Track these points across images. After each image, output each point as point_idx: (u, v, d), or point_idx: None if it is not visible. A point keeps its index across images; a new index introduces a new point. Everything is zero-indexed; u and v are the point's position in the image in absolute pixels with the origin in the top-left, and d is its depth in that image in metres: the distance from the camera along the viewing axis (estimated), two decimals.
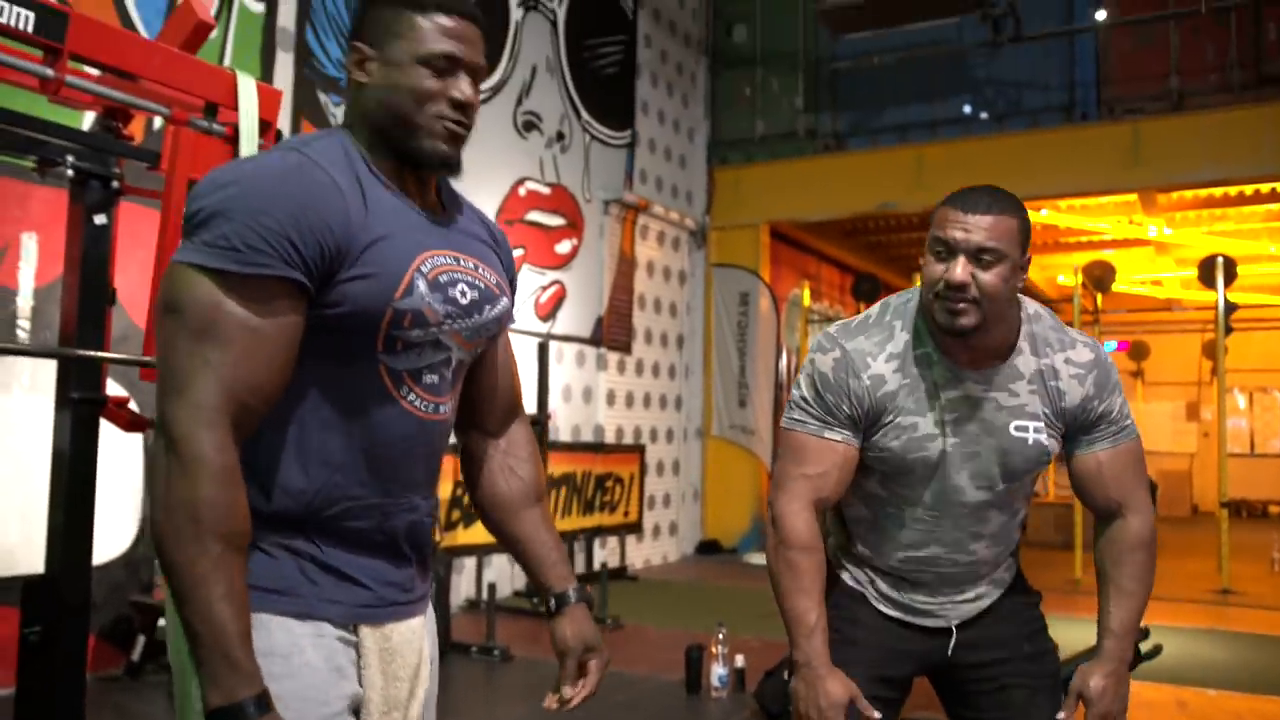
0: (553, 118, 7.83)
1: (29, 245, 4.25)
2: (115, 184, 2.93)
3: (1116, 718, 1.80)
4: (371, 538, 1.30)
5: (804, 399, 1.83)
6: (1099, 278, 10.75)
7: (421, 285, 1.27)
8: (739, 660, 4.55)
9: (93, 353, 2.75)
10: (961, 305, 1.66)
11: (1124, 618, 1.82)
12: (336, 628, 1.27)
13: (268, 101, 2.72)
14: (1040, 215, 11.28)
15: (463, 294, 1.33)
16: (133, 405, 3.06)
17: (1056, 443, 1.84)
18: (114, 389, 3.05)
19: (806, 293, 10.16)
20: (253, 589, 1.17)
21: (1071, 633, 2.11)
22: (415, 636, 1.37)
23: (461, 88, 1.30)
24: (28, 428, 4.19)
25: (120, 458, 4.45)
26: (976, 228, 1.65)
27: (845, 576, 1.98)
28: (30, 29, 2.15)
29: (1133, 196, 9.95)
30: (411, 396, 1.31)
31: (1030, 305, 1.85)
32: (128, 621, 4.48)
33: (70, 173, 2.82)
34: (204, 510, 1.10)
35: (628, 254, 8.68)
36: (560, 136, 7.91)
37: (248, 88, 2.64)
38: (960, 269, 1.65)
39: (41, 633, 2.90)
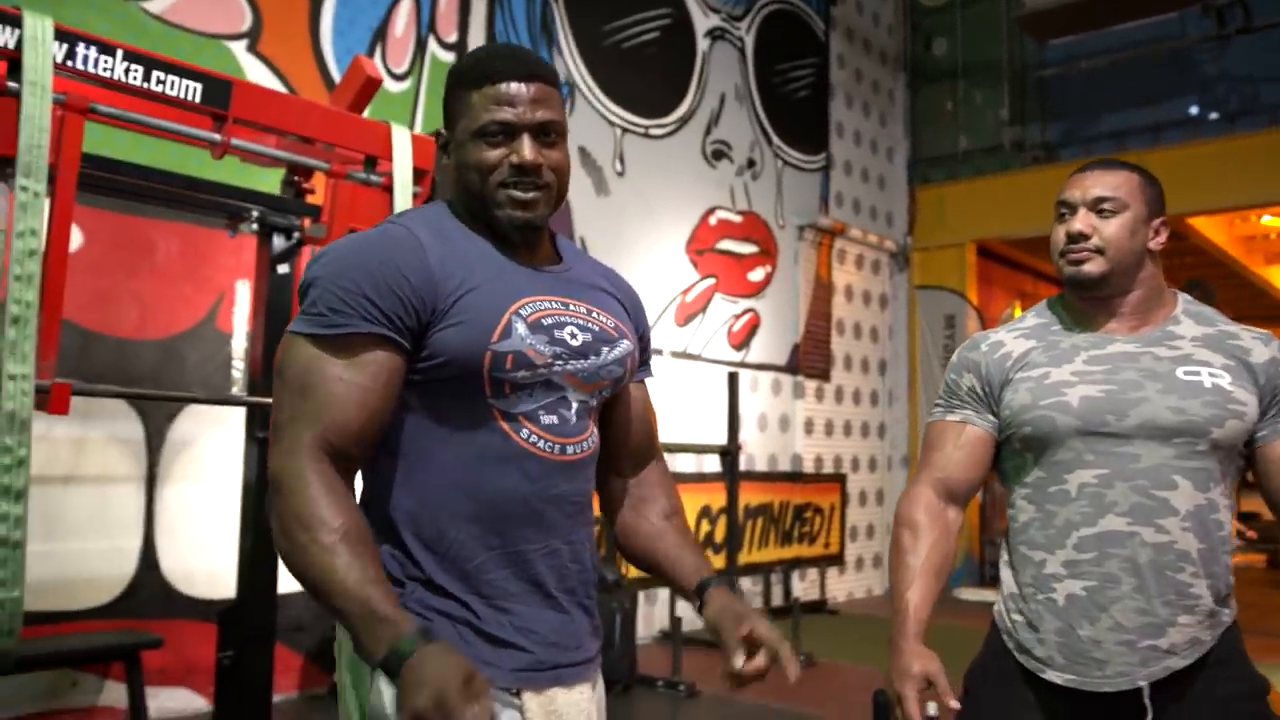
0: (743, 145, 7.80)
1: (242, 292, 4.61)
2: (296, 235, 3.13)
3: None
4: (517, 587, 1.31)
5: (939, 395, 1.85)
6: None
7: (520, 327, 1.30)
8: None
9: (268, 400, 2.94)
10: (1083, 253, 1.67)
11: None
12: (498, 689, 1.26)
13: (422, 150, 2.84)
14: None
15: (572, 336, 1.35)
16: None
17: (1249, 395, 1.62)
18: None
19: (1018, 311, 9.64)
20: None
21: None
22: (584, 701, 1.36)
23: (521, 151, 1.32)
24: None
25: None
26: (1094, 182, 1.70)
27: (1010, 645, 1.73)
28: (199, 99, 2.33)
29: None
30: (532, 438, 1.33)
31: (1190, 299, 1.78)
32: (332, 643, 4.73)
33: (255, 227, 3.03)
34: (306, 512, 1.19)
35: (824, 279, 8.51)
36: (751, 164, 7.87)
37: (402, 139, 2.77)
38: (1079, 220, 1.68)
39: (233, 656, 3.10)
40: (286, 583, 4.16)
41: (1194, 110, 8.54)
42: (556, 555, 1.35)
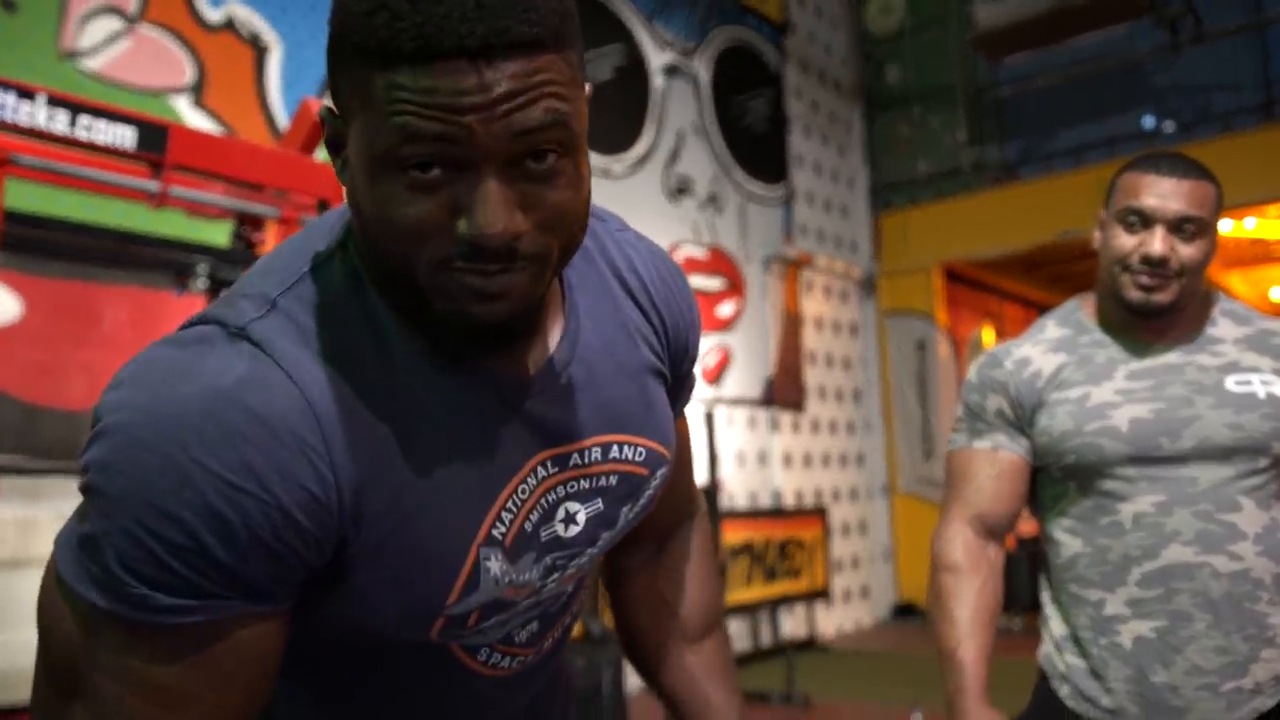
0: (704, 180, 7.72)
1: None
2: None
3: None
4: None
5: (957, 419, 1.67)
6: None
7: (494, 564, 0.79)
8: None
9: None
10: (1159, 280, 1.48)
11: None
12: None
13: None
14: (1245, 228, 10.37)
15: (573, 520, 0.86)
16: None
17: None
18: None
19: (987, 333, 9.61)
20: None
21: None
22: None
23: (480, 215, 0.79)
24: None
25: None
26: (1176, 194, 1.47)
27: (1066, 694, 1.56)
28: (133, 146, 2.18)
29: None
30: (494, 658, 0.90)
31: (1223, 295, 1.63)
32: None
33: (204, 283, 2.86)
34: None
35: (793, 310, 8.42)
36: (713, 198, 7.79)
37: None
38: (1159, 241, 1.47)
39: None
40: None
41: (1149, 122, 8.60)
42: None
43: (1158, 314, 1.52)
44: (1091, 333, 1.61)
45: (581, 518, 0.85)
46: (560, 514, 0.84)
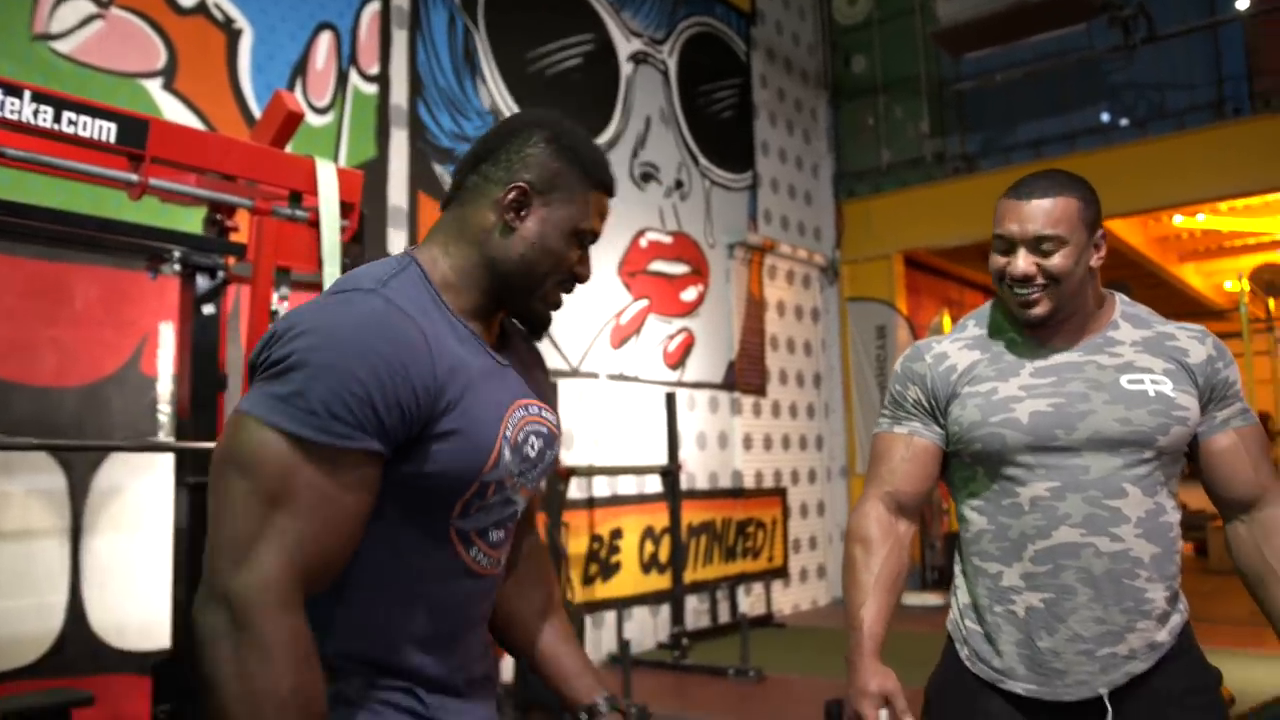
0: (670, 167, 7.85)
1: (166, 334, 4.50)
2: (221, 275, 3.07)
3: None
4: (457, 682, 1.25)
5: (884, 405, 1.85)
6: (1270, 281, 10.05)
7: (507, 453, 1.21)
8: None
9: (197, 444, 2.86)
10: (1033, 295, 1.65)
11: None
12: None
13: (348, 184, 2.81)
14: (1198, 221, 10.64)
15: (533, 447, 1.27)
16: None
17: (1191, 400, 1.65)
18: None
19: (946, 320, 9.81)
20: None
21: (1258, 672, 1.82)
22: None
23: (589, 267, 1.33)
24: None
25: None
26: (1031, 217, 1.64)
27: (965, 655, 1.74)
28: (114, 140, 2.28)
29: None
30: (478, 555, 1.25)
31: (1126, 299, 1.79)
32: None
33: (177, 267, 2.96)
34: (291, 701, 1.01)
35: (756, 295, 8.59)
36: (679, 184, 7.92)
37: (327, 173, 2.73)
38: (1022, 261, 1.64)
39: (170, 711, 3.01)
40: None
41: (1105, 117, 8.80)
42: (484, 652, 1.32)
43: (1040, 324, 1.68)
44: (1006, 333, 1.76)
45: (537, 446, 1.28)
46: (529, 440, 1.26)
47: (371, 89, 5.63)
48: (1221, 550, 9.31)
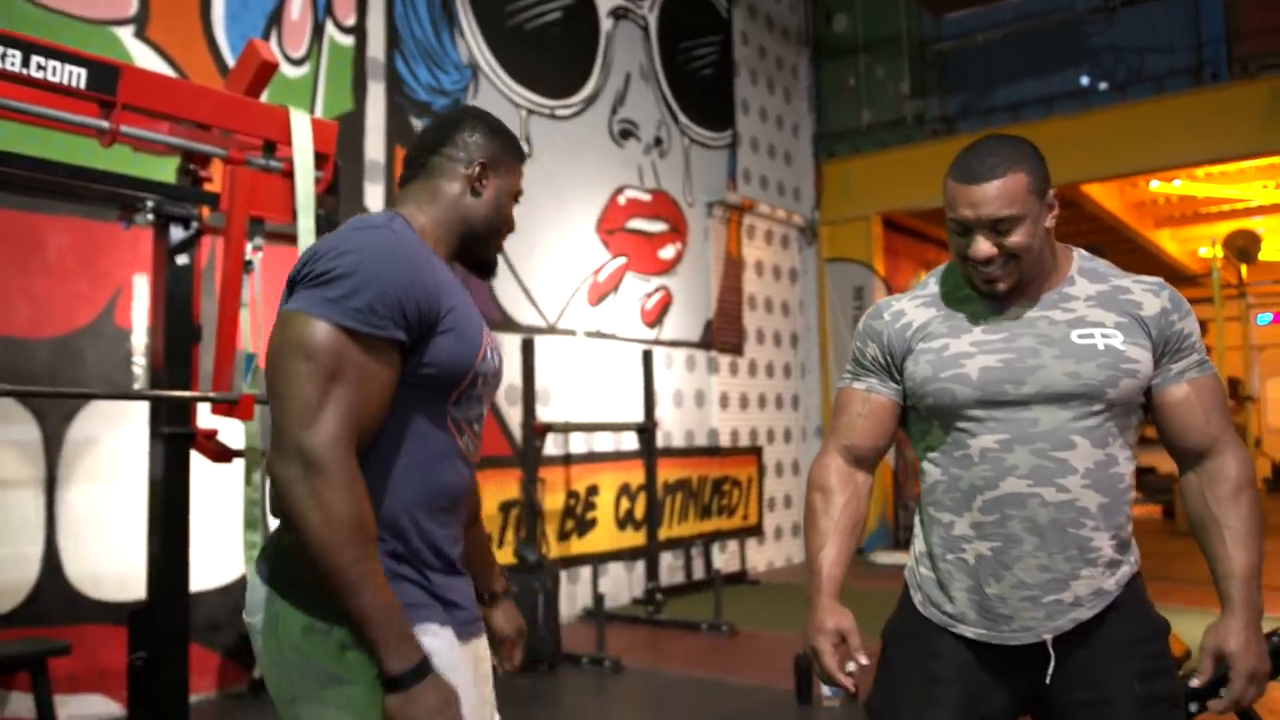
0: (649, 124, 7.82)
1: (140, 286, 4.48)
2: (195, 225, 3.05)
3: (1262, 676, 1.60)
4: (453, 560, 1.51)
5: (848, 361, 1.89)
6: (1242, 247, 10.14)
7: (488, 354, 1.52)
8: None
9: (172, 393, 2.86)
10: (995, 273, 1.66)
11: (1247, 562, 1.63)
12: (457, 640, 1.48)
13: (322, 135, 2.79)
14: (1174, 186, 10.71)
15: (496, 358, 1.57)
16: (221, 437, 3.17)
17: (1143, 352, 1.67)
18: (205, 421, 3.17)
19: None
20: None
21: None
22: (485, 648, 1.61)
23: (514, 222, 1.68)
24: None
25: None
26: (984, 201, 1.63)
27: (919, 600, 1.79)
28: (83, 85, 2.25)
29: (1276, 159, 9.32)
30: (467, 442, 1.54)
31: (1086, 254, 1.80)
32: (249, 640, 4.66)
33: (151, 217, 2.94)
34: (364, 520, 1.30)
35: (734, 255, 8.60)
36: (659, 142, 7.89)
37: (301, 123, 2.71)
38: (981, 245, 1.65)
39: (146, 658, 3.03)
40: (199, 581, 4.08)
41: (1084, 81, 8.81)
42: (460, 537, 1.57)
43: (1008, 298, 1.71)
44: (962, 290, 1.78)
45: (497, 360, 1.56)
46: (494, 352, 1.55)
47: (348, 41, 5.57)
48: (1182, 513, 9.47)
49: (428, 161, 1.59)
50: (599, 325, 7.06)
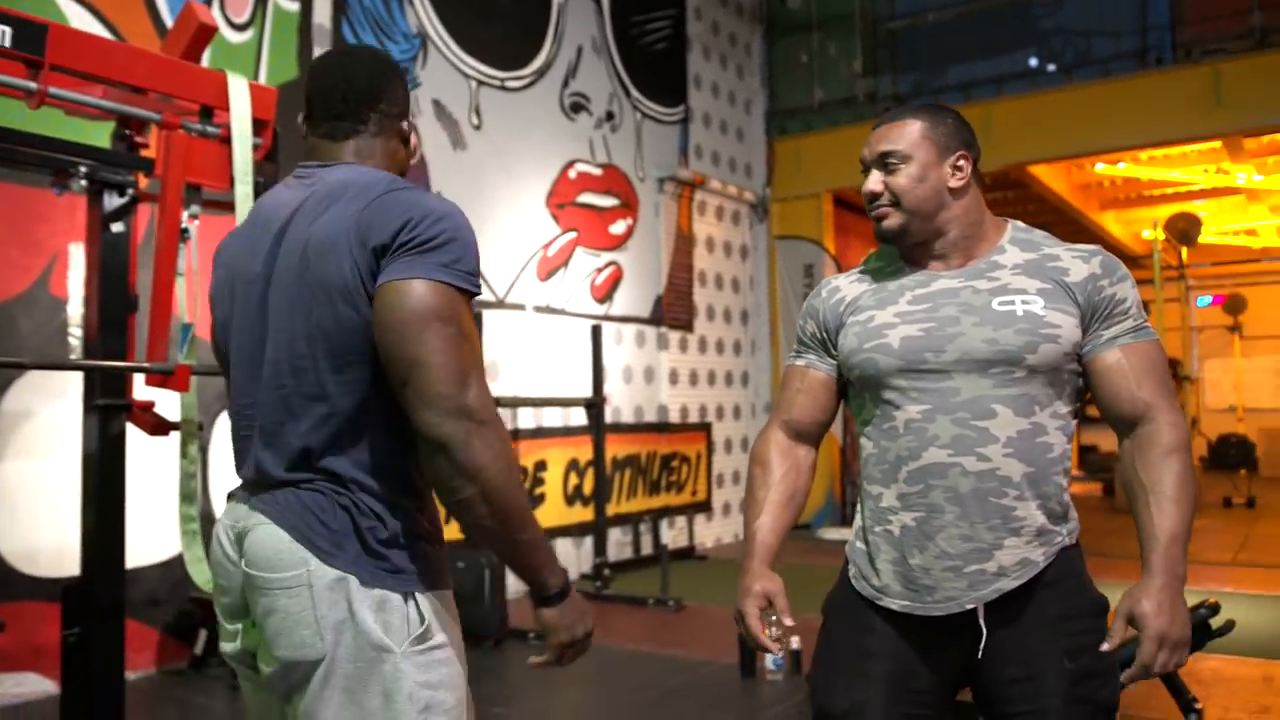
0: (601, 98, 7.76)
1: (76, 255, 4.36)
2: (130, 192, 2.97)
3: (1177, 641, 1.56)
4: (439, 534, 1.55)
5: (795, 340, 1.93)
6: (1183, 230, 10.31)
7: None
8: (795, 642, 4.46)
9: (105, 363, 2.80)
10: (881, 210, 1.76)
11: (1171, 526, 1.59)
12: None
13: (261, 101, 2.72)
14: (1119, 169, 10.87)
15: None
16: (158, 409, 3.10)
17: (1066, 318, 1.67)
18: (141, 392, 3.10)
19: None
20: (422, 575, 1.45)
21: None
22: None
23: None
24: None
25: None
26: (878, 139, 1.76)
27: (852, 574, 1.81)
28: (8, 44, 2.17)
29: (1217, 144, 9.49)
30: None
31: (1024, 226, 1.84)
32: (190, 616, 4.60)
33: (84, 184, 2.86)
34: (517, 466, 1.45)
35: (685, 231, 8.58)
36: (610, 116, 7.84)
37: (239, 88, 2.65)
38: (871, 181, 1.76)
39: (79, 634, 2.97)
40: (137, 557, 4.01)
41: (1034, 62, 8.89)
42: None
43: (893, 239, 1.77)
44: (895, 263, 1.82)
45: None
46: None
47: (294, 6, 5.45)
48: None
49: (368, 117, 1.58)
50: (548, 300, 7.02)
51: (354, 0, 5.81)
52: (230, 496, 1.57)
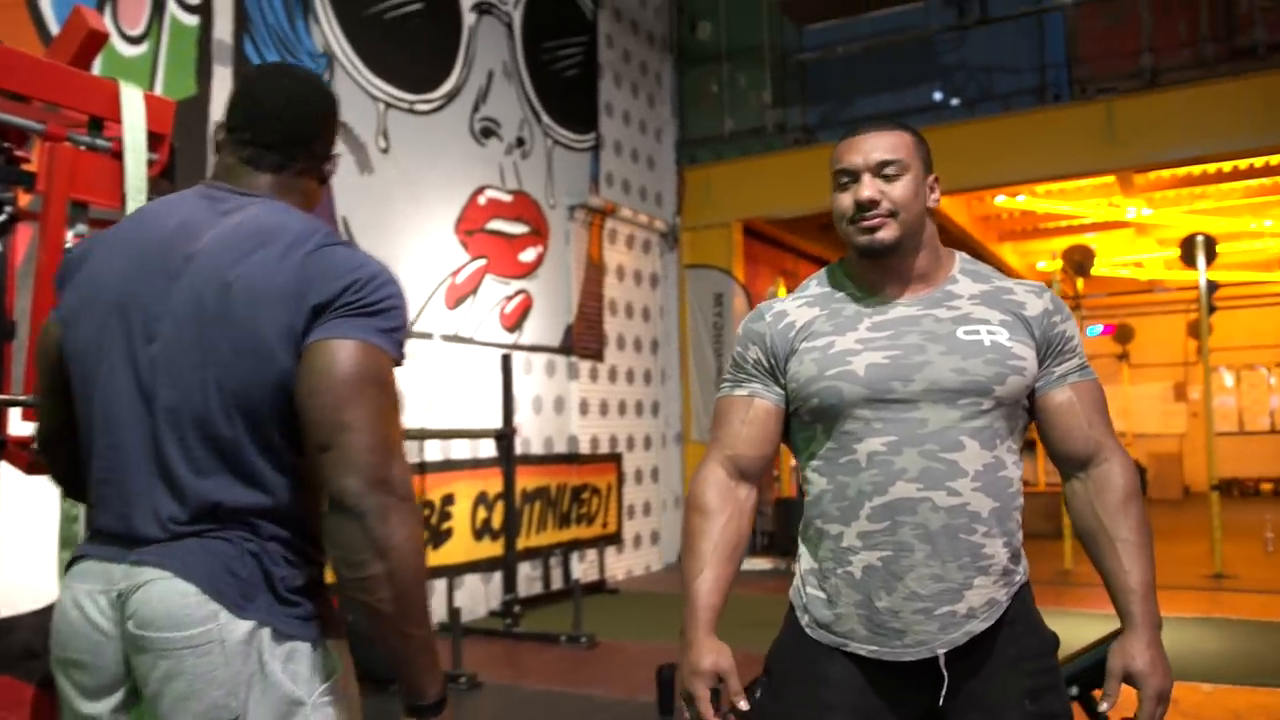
0: (512, 123, 7.63)
1: None
2: (9, 210, 2.73)
3: (1168, 693, 1.59)
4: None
5: (727, 369, 1.80)
6: (1078, 262, 10.64)
7: None
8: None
9: None
10: (877, 220, 1.64)
11: (1143, 576, 1.61)
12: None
13: (158, 113, 2.53)
14: (1017, 201, 11.16)
15: None
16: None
17: (1028, 350, 1.63)
18: (17, 428, 2.85)
19: (782, 289, 9.98)
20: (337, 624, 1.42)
21: (1063, 627, 1.85)
22: None
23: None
24: None
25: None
26: (873, 146, 1.65)
27: (806, 622, 1.69)
28: None
29: (1110, 178, 9.81)
30: None
31: (967, 257, 1.79)
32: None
33: None
34: (422, 547, 1.37)
35: (596, 259, 8.49)
36: (520, 142, 7.71)
37: (133, 98, 2.45)
38: (866, 187, 1.64)
39: None
40: (10, 605, 3.70)
41: (938, 96, 9.09)
42: None
43: (885, 252, 1.65)
44: (845, 289, 1.73)
45: None
46: None
47: (192, 20, 5.21)
48: (1027, 515, 9.85)
49: (299, 155, 1.52)
50: (456, 329, 6.84)
51: (257, 16, 5.58)
52: (82, 557, 1.39)
